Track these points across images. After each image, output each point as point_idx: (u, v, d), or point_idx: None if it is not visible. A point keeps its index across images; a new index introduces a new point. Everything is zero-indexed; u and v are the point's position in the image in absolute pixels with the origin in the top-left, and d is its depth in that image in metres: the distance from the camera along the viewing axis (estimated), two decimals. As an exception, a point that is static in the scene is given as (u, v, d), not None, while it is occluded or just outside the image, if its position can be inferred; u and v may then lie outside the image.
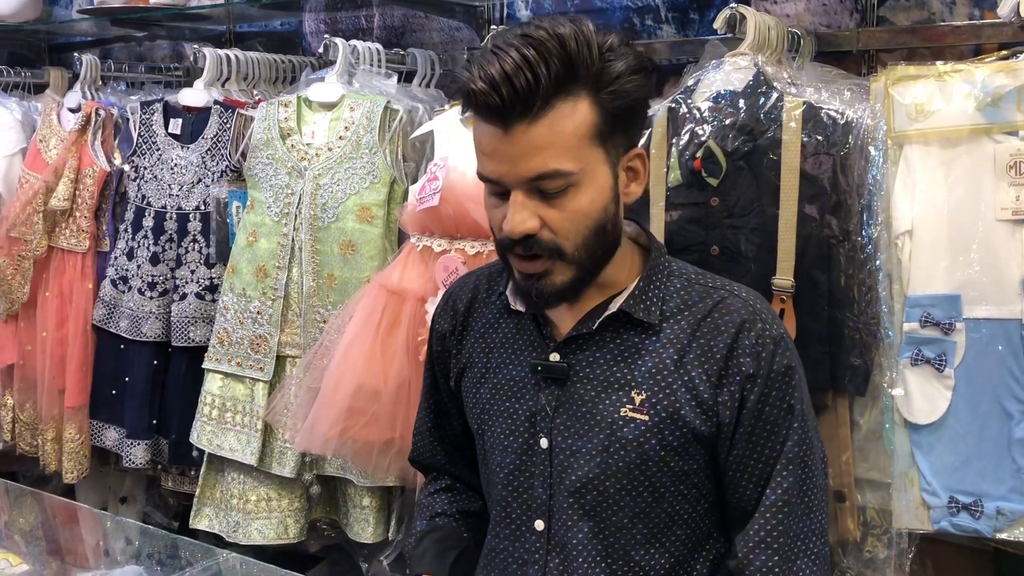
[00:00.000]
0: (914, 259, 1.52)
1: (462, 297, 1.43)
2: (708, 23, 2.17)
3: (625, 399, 1.23)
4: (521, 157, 1.12)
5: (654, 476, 1.23)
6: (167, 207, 2.33)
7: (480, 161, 1.18)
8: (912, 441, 1.55)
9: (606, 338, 1.25)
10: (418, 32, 2.62)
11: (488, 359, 1.35)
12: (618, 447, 1.23)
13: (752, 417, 1.21)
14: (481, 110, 1.13)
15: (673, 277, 1.28)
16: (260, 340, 2.13)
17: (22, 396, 2.61)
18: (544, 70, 1.09)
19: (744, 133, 1.61)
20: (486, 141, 1.15)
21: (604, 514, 1.25)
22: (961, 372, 1.51)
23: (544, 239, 1.16)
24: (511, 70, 1.09)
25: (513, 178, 1.14)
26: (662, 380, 1.22)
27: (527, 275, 1.19)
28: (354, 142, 2.05)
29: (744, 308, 1.23)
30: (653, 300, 1.25)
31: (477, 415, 1.36)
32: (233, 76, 2.41)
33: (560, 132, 1.12)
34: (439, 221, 1.88)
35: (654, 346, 1.24)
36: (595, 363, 1.25)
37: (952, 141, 1.50)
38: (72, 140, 2.47)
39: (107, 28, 2.98)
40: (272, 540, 2.14)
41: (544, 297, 1.20)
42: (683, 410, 1.21)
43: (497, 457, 1.32)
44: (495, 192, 1.19)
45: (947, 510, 1.53)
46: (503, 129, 1.12)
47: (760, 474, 1.23)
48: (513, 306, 1.32)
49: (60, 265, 2.50)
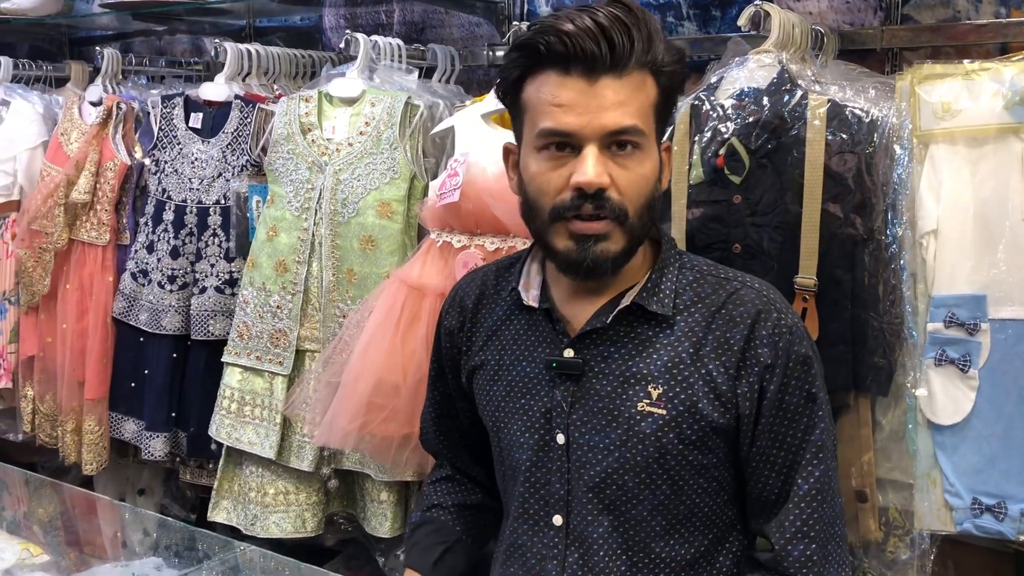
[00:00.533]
0: (939, 259, 1.51)
1: (470, 294, 1.43)
2: (730, 20, 2.17)
3: (642, 393, 1.23)
4: (605, 109, 1.15)
5: (673, 470, 1.23)
6: (187, 201, 2.33)
7: (549, 115, 1.17)
8: (935, 442, 1.54)
9: (620, 332, 1.26)
10: (438, 28, 2.62)
11: (501, 356, 1.36)
12: (636, 442, 1.23)
13: (773, 407, 1.21)
14: (566, 58, 1.15)
15: (685, 270, 1.29)
16: (279, 334, 2.13)
17: (42, 388, 2.62)
18: (636, 32, 1.15)
19: (768, 131, 1.60)
20: (564, 93, 1.16)
21: (623, 508, 1.25)
22: (986, 373, 1.50)
23: (613, 198, 1.17)
24: (608, 24, 1.14)
25: (593, 130, 1.15)
26: (679, 374, 1.23)
27: (585, 237, 1.18)
28: (375, 137, 2.06)
29: (758, 299, 1.24)
30: (666, 292, 1.26)
31: (492, 412, 1.37)
32: (254, 71, 2.42)
33: (637, 94, 1.17)
34: (459, 217, 1.88)
35: (669, 339, 1.24)
36: (610, 358, 1.26)
37: (979, 140, 1.49)
38: (93, 134, 2.48)
39: (127, 22, 2.99)
40: (290, 534, 2.14)
41: (596, 264, 1.19)
42: (700, 403, 1.22)
43: (514, 454, 1.33)
44: (557, 151, 1.18)
45: (970, 512, 1.53)
46: (588, 79, 1.14)
47: (783, 463, 1.23)
48: (526, 301, 1.33)
49: (81, 258, 2.51)
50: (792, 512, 1.22)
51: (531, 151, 1.21)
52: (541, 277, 1.34)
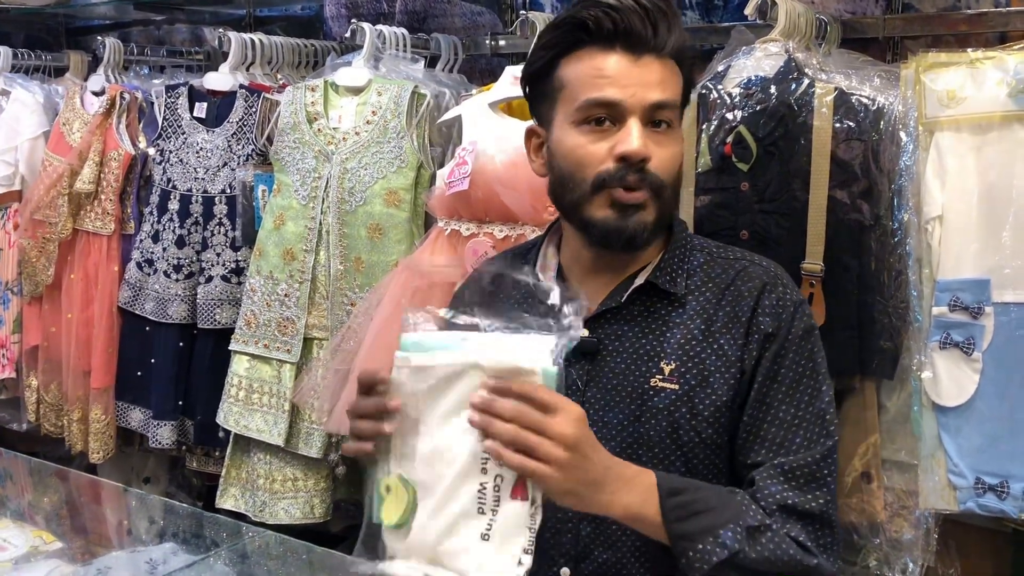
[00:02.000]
0: (944, 244, 1.54)
1: (487, 275, 1.45)
2: (732, 9, 2.19)
3: (655, 369, 1.27)
4: (649, 84, 1.21)
5: (686, 446, 1.26)
6: (193, 190, 2.34)
7: (596, 86, 1.22)
8: (940, 423, 1.57)
9: (634, 312, 1.29)
10: (440, 17, 2.62)
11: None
12: (648, 416, 1.26)
13: (767, 377, 1.23)
14: (614, 35, 1.21)
15: (695, 251, 1.33)
16: (287, 322, 2.15)
17: (47, 377, 2.63)
18: (673, 20, 1.22)
19: (775, 119, 1.63)
20: (610, 67, 1.21)
21: None
22: (989, 356, 1.53)
23: (652, 173, 1.22)
24: (651, 7, 1.20)
25: (637, 102, 1.20)
26: (691, 350, 1.26)
27: (625, 206, 1.22)
28: (381, 126, 2.07)
29: (764, 274, 1.29)
30: (678, 271, 1.30)
31: None
32: (257, 60, 2.42)
33: (672, 76, 1.24)
34: (468, 205, 1.90)
35: (681, 318, 1.28)
36: (624, 336, 1.29)
37: (983, 127, 1.52)
38: (97, 123, 2.48)
39: (126, 12, 2.99)
40: (298, 520, 2.17)
41: (636, 233, 1.23)
42: (712, 378, 1.25)
43: None
44: (600, 123, 1.22)
45: (973, 491, 1.56)
46: (634, 56, 1.20)
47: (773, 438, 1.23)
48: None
49: (85, 248, 2.52)
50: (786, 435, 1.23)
51: (568, 127, 1.25)
52: (557, 260, 1.37)
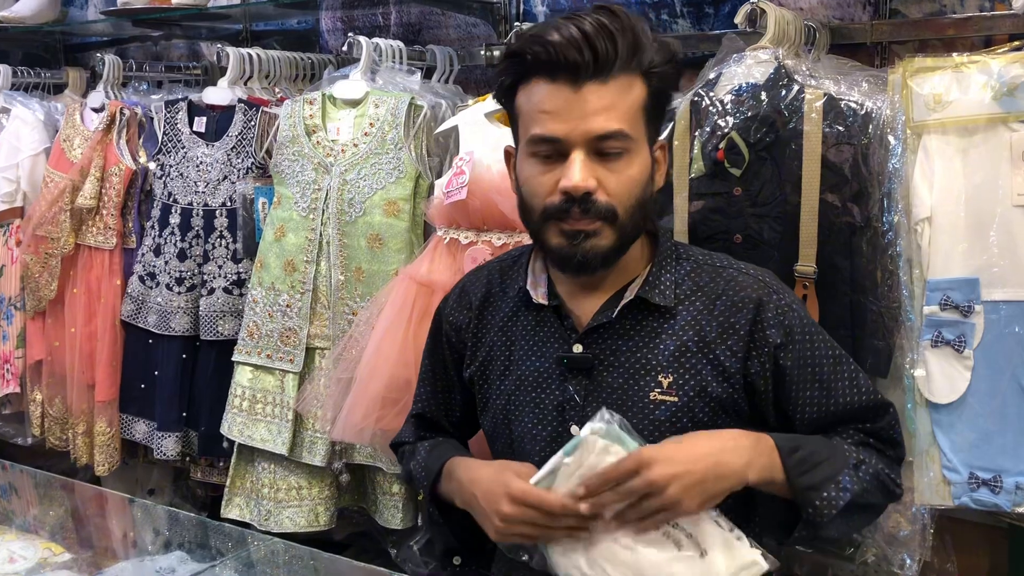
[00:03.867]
0: (933, 244, 1.57)
1: (476, 291, 1.47)
2: (723, 17, 2.22)
3: (653, 383, 1.29)
4: (591, 115, 1.19)
5: None
6: (193, 204, 2.37)
7: (538, 122, 1.22)
8: (933, 420, 1.60)
9: (626, 325, 1.31)
10: (435, 29, 2.66)
11: (511, 352, 1.40)
12: (652, 429, 1.28)
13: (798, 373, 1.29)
14: (552, 67, 1.19)
15: (682, 260, 1.34)
16: (289, 333, 2.17)
17: (51, 391, 2.65)
18: (620, 39, 1.18)
19: (766, 124, 1.66)
20: (551, 100, 1.20)
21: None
22: (980, 353, 1.57)
23: (600, 200, 1.21)
24: (592, 32, 1.17)
25: (579, 135, 1.19)
26: (686, 361, 1.29)
27: (574, 233, 1.23)
28: (379, 138, 2.10)
29: (756, 283, 1.31)
30: (667, 284, 1.31)
31: (502, 406, 1.41)
32: (255, 74, 2.45)
33: (623, 99, 1.20)
34: (466, 214, 1.93)
35: (673, 329, 1.30)
36: (619, 351, 1.31)
37: (969, 130, 1.55)
38: (97, 139, 2.51)
39: (123, 28, 3.02)
40: (303, 528, 2.19)
41: (587, 260, 1.24)
42: (709, 387, 1.28)
43: (526, 446, 1.37)
44: (546, 156, 1.23)
45: (967, 486, 1.59)
46: (573, 87, 1.19)
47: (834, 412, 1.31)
48: (535, 299, 1.36)
49: (88, 262, 2.54)
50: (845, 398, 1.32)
51: (524, 156, 1.27)
52: (546, 274, 1.38)
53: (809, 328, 1.31)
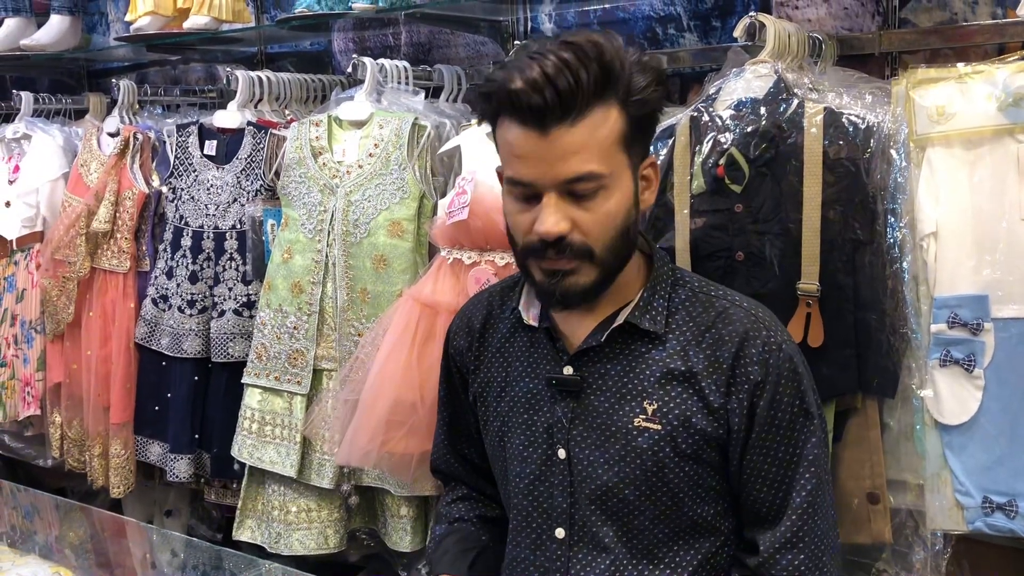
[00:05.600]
0: (940, 260, 1.52)
1: (477, 315, 1.46)
2: (730, 30, 2.18)
3: (638, 409, 1.27)
4: (559, 159, 1.15)
5: (671, 482, 1.26)
6: (204, 226, 2.39)
7: (511, 164, 1.20)
8: (943, 442, 1.55)
9: (616, 349, 1.29)
10: (444, 48, 2.66)
11: (506, 373, 1.39)
12: (634, 456, 1.26)
13: (764, 422, 1.24)
14: (518, 112, 1.15)
15: (678, 287, 1.31)
16: (297, 354, 2.17)
17: (69, 413, 2.68)
18: (585, 74, 1.13)
19: (766, 140, 1.63)
20: (520, 144, 1.16)
21: (627, 518, 1.28)
22: (991, 372, 1.51)
23: (575, 241, 1.18)
24: (553, 73, 1.12)
25: (549, 180, 1.16)
26: (672, 390, 1.26)
27: (552, 272, 1.21)
28: (384, 159, 2.10)
29: (746, 317, 1.27)
30: (658, 310, 1.28)
31: (497, 428, 1.40)
32: (265, 97, 2.47)
33: (595, 136, 1.15)
34: (469, 234, 1.91)
35: (661, 356, 1.27)
36: (607, 375, 1.29)
37: (974, 142, 1.50)
38: (112, 164, 2.54)
39: (143, 53, 3.07)
40: (313, 550, 2.18)
41: (567, 297, 1.22)
42: (694, 418, 1.25)
43: (516, 468, 1.36)
44: (522, 197, 1.21)
45: (981, 510, 1.53)
46: (540, 131, 1.14)
47: (776, 476, 1.25)
48: (526, 321, 1.35)
49: (103, 285, 2.57)
50: (784, 524, 1.25)
51: (504, 190, 1.25)
52: None
53: (788, 376, 1.24)
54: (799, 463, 1.25)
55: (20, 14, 3.04)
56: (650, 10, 2.31)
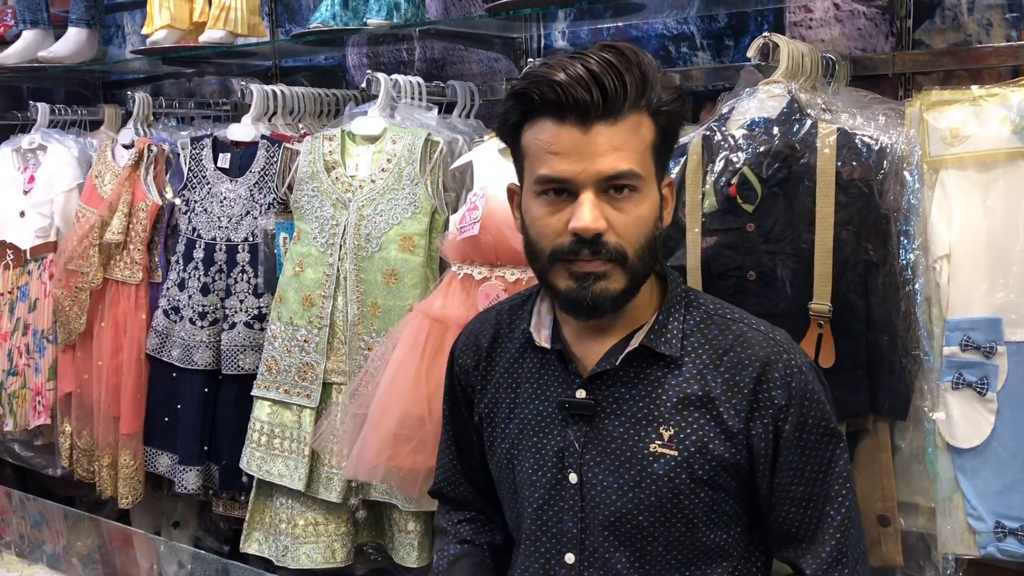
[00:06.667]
0: (953, 283, 1.52)
1: (485, 333, 1.44)
2: (743, 49, 2.19)
3: (653, 435, 1.25)
4: (600, 155, 1.16)
5: (686, 508, 1.25)
6: (217, 239, 2.40)
7: (546, 163, 1.18)
8: (955, 465, 1.54)
9: (630, 373, 1.27)
10: (457, 64, 2.67)
11: (515, 395, 1.37)
12: (649, 483, 1.24)
13: (792, 444, 1.23)
14: (559, 107, 1.16)
15: (692, 309, 1.29)
16: (307, 367, 2.18)
17: (79, 423, 2.69)
18: (629, 76, 1.15)
19: (779, 160, 1.62)
20: (558, 140, 1.17)
21: (640, 543, 1.27)
22: (1004, 396, 1.50)
23: (611, 242, 1.18)
24: (599, 71, 1.14)
25: (588, 176, 1.16)
26: (688, 415, 1.24)
27: (583, 276, 1.19)
28: (396, 174, 2.10)
29: (765, 341, 1.25)
30: (674, 333, 1.26)
31: (506, 450, 1.38)
32: (279, 111, 2.48)
33: (634, 138, 1.17)
34: (479, 249, 1.92)
35: (677, 380, 1.25)
36: (621, 399, 1.27)
37: (988, 165, 1.50)
38: (125, 175, 2.56)
39: (158, 66, 3.09)
40: (320, 564, 2.17)
41: (597, 304, 1.20)
42: (711, 444, 1.23)
43: (526, 492, 1.34)
44: (554, 197, 1.19)
45: (993, 535, 1.52)
46: (582, 127, 1.16)
47: (807, 496, 1.25)
48: (538, 342, 1.33)
49: (115, 296, 2.58)
50: (828, 543, 1.25)
51: (531, 195, 1.23)
52: (552, 316, 1.35)
53: (811, 397, 1.24)
54: (832, 481, 1.25)
55: (38, 26, 3.06)
56: (663, 28, 2.32)
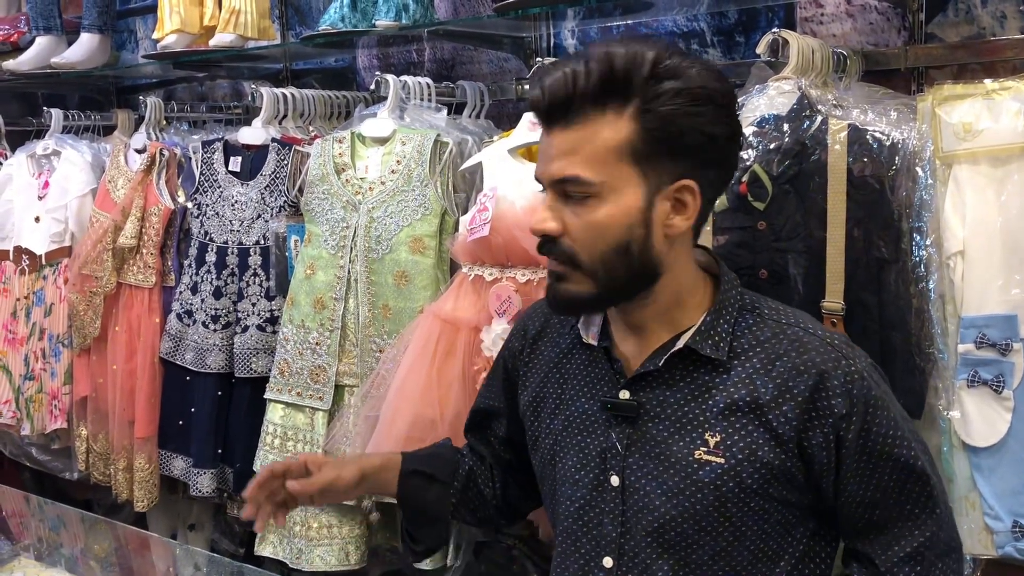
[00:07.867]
0: (967, 279, 1.50)
1: (534, 323, 1.46)
2: (754, 46, 2.16)
3: (699, 440, 1.21)
4: (554, 158, 1.19)
5: (734, 516, 1.21)
6: (228, 242, 2.40)
7: None
8: (972, 464, 1.52)
9: (676, 376, 1.24)
10: (467, 64, 2.67)
11: (562, 390, 1.36)
12: (695, 490, 1.21)
13: (857, 451, 1.19)
14: (536, 111, 1.22)
15: (745, 312, 1.25)
16: (319, 370, 2.18)
17: (95, 427, 2.70)
18: (582, 82, 1.15)
19: (789, 157, 1.61)
20: (540, 142, 1.23)
21: (684, 552, 1.23)
22: (1021, 393, 1.49)
23: (563, 245, 1.20)
24: (561, 76, 1.17)
25: (545, 178, 1.21)
26: (736, 421, 1.20)
27: (550, 273, 1.24)
28: (406, 175, 2.10)
29: (822, 347, 1.20)
30: (722, 336, 1.22)
31: (550, 446, 1.36)
32: (290, 113, 2.49)
33: (590, 142, 1.16)
34: (490, 250, 1.91)
35: (724, 384, 1.21)
36: (665, 402, 1.24)
37: (1002, 160, 1.48)
38: (138, 180, 2.57)
39: (170, 70, 3.10)
40: (334, 566, 2.18)
41: (559, 303, 1.24)
42: (760, 451, 1.19)
43: (567, 490, 1.32)
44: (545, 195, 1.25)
45: (1011, 534, 1.50)
46: (547, 130, 1.21)
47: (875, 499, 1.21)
48: (586, 339, 1.33)
49: (128, 300, 2.59)
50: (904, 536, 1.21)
51: None
52: (601, 315, 1.33)
53: (874, 403, 1.19)
54: (906, 479, 1.20)
55: (51, 32, 3.09)
56: (673, 26, 2.31)
